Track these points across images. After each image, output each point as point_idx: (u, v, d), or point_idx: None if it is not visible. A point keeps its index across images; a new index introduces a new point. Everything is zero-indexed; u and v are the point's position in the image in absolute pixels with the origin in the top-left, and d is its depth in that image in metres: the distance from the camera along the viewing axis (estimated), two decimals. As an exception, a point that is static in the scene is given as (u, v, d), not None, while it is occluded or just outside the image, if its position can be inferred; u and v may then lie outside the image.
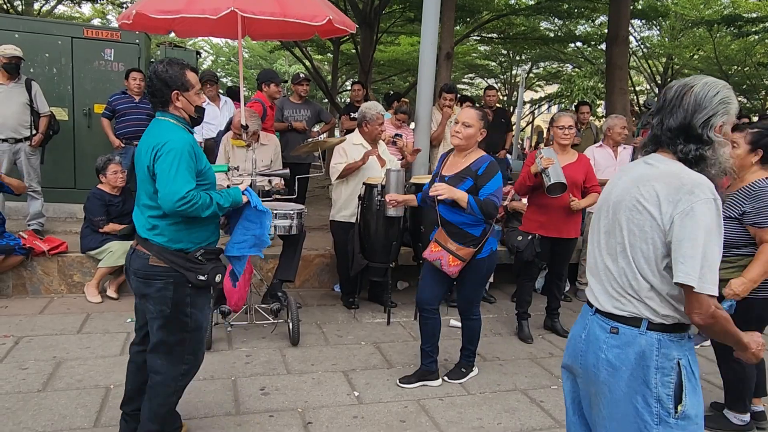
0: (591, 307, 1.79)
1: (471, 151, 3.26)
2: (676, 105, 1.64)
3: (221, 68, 28.23)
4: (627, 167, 1.83)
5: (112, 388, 3.19)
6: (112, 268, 4.63)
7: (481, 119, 3.21)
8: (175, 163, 2.26)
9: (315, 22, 3.83)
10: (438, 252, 3.26)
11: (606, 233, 1.75)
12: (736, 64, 15.95)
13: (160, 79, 2.34)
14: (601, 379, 1.71)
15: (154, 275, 2.36)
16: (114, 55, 6.13)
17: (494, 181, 3.15)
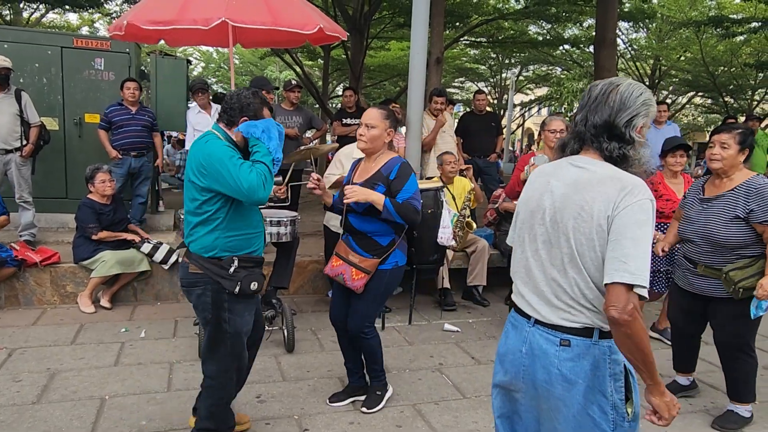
0: (528, 318, 1.70)
1: (380, 153, 2.98)
2: (601, 102, 1.63)
3: (211, 75, 28.21)
4: (551, 170, 1.73)
5: (107, 398, 3.18)
6: (105, 277, 4.62)
7: (386, 118, 2.93)
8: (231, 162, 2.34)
9: (306, 31, 3.86)
10: (339, 266, 3.01)
11: (545, 243, 1.66)
12: (723, 65, 16.14)
13: (239, 102, 2.47)
14: (556, 395, 1.64)
15: (194, 282, 2.48)
16: (104, 65, 6.12)
17: (410, 183, 2.88)
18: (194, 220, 2.46)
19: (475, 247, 5.09)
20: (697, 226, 3.09)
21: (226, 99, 2.54)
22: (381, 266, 2.96)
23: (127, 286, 4.90)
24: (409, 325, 4.61)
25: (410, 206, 2.86)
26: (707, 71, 15.86)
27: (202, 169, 2.36)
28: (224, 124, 2.51)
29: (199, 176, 2.38)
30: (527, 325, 1.70)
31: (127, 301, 4.91)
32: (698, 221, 3.09)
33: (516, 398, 1.77)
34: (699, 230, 3.08)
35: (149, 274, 4.92)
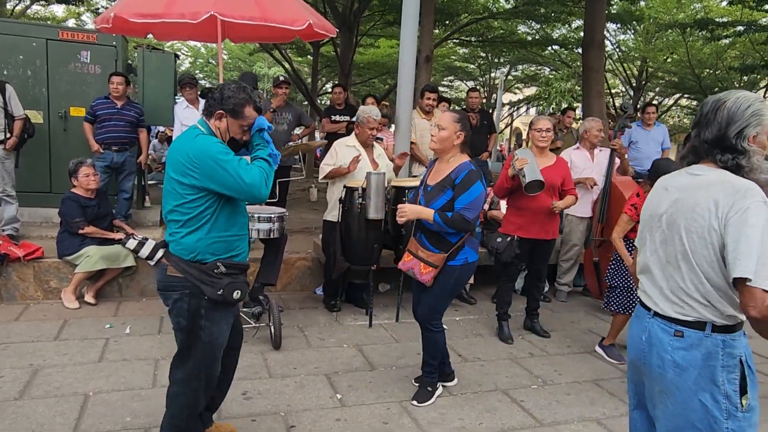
0: (648, 310, 1.89)
1: (453, 155, 3.12)
2: (710, 119, 1.77)
3: (200, 70, 27.97)
4: (668, 179, 1.92)
5: (91, 395, 3.15)
6: (90, 273, 4.57)
7: (458, 122, 3.07)
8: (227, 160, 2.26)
9: (295, 27, 3.84)
10: (410, 261, 3.20)
11: (663, 242, 1.85)
12: (708, 68, 16.31)
13: (220, 94, 2.35)
14: (668, 379, 1.81)
15: (172, 286, 2.34)
16: (90, 58, 6.03)
17: (469, 192, 2.99)
18: (177, 220, 2.32)
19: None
20: None
21: (213, 90, 2.44)
22: (450, 262, 3.11)
23: (112, 282, 4.85)
24: (396, 323, 4.62)
25: (459, 218, 2.98)
26: (693, 73, 16.03)
27: (191, 166, 2.22)
28: (205, 115, 2.41)
29: (187, 174, 2.24)
30: (647, 316, 1.89)
31: (111, 296, 4.87)
32: None
33: (642, 384, 1.96)
34: None
35: (134, 269, 4.88)
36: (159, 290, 2.41)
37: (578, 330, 4.75)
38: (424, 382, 3.36)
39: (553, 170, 4.17)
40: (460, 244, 3.10)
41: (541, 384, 3.67)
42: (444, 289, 3.18)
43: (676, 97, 21.09)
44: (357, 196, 4.30)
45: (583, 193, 5.10)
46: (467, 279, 3.26)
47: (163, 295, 2.40)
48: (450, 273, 3.12)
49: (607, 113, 9.36)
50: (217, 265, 2.33)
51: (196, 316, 2.34)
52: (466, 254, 3.14)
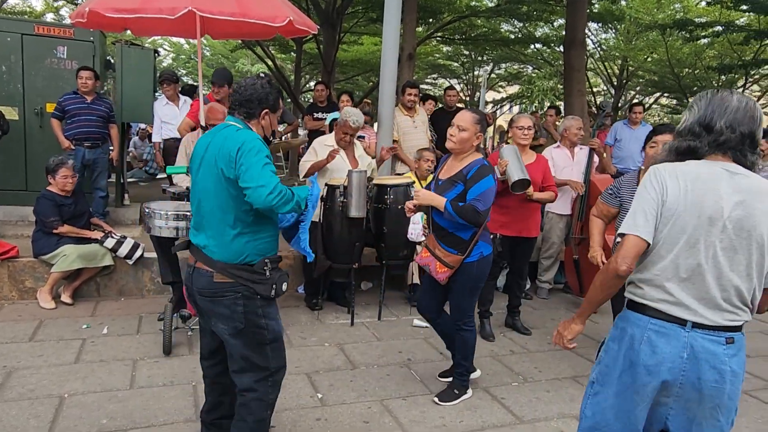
0: (683, 324, 1.73)
1: (468, 154, 3.14)
2: (746, 114, 1.74)
3: (182, 66, 27.64)
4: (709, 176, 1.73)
5: (66, 397, 3.10)
6: (67, 272, 4.49)
7: (478, 123, 3.09)
8: (259, 157, 2.19)
9: (275, 23, 3.80)
10: (427, 258, 3.22)
11: (727, 249, 1.70)
12: (687, 67, 16.53)
13: (257, 94, 2.32)
14: (726, 391, 1.73)
15: (222, 292, 2.27)
16: (67, 53, 5.93)
17: (480, 184, 3.00)
18: (224, 221, 2.25)
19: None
20: None
21: (236, 89, 2.37)
22: (467, 260, 3.11)
23: (89, 281, 4.77)
24: (378, 321, 4.61)
25: (471, 208, 2.97)
26: (672, 73, 16.23)
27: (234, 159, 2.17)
28: (243, 117, 2.35)
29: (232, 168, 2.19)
30: (683, 330, 1.74)
31: (89, 296, 4.79)
32: None
33: (664, 405, 1.81)
34: None
35: (113, 268, 4.81)
36: (205, 297, 2.31)
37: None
38: (453, 384, 3.39)
39: (533, 167, 4.19)
40: (475, 240, 3.11)
41: (522, 381, 3.68)
42: (466, 288, 3.21)
43: (656, 95, 21.35)
44: (338, 194, 4.28)
45: (563, 191, 5.14)
46: (487, 271, 3.28)
47: (211, 301, 2.30)
48: (469, 270, 3.14)
49: (589, 111, 9.43)
50: (265, 263, 2.32)
51: (256, 316, 2.31)
52: (480, 248, 3.15)
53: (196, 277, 2.33)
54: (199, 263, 2.32)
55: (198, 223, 2.37)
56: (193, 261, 2.36)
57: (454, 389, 3.36)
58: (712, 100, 1.79)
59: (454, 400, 3.30)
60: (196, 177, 2.36)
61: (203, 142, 2.36)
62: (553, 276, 5.64)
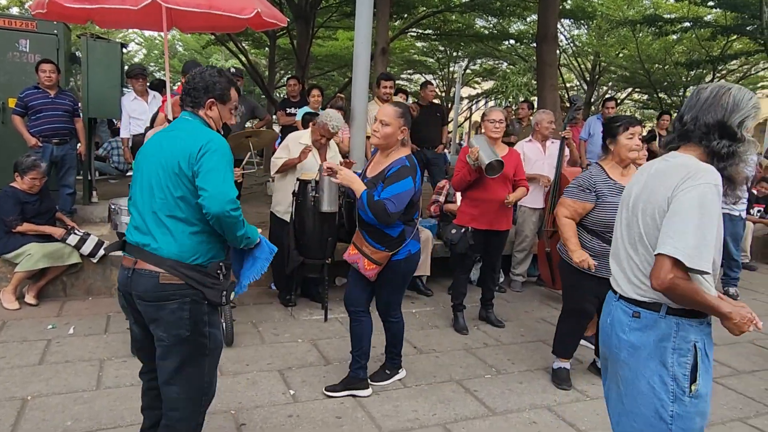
0: (615, 294, 1.94)
1: (393, 150, 3.02)
2: (713, 104, 1.76)
3: (154, 62, 27.13)
4: (647, 165, 1.94)
5: (29, 399, 3.01)
6: (31, 272, 4.37)
7: (401, 116, 2.96)
8: (224, 163, 2.07)
9: (243, 15, 3.74)
10: (355, 255, 3.16)
11: (627, 226, 1.91)
12: (657, 63, 16.82)
13: (204, 82, 2.22)
14: (621, 359, 1.87)
15: (168, 295, 2.08)
16: (30, 46, 5.75)
17: (397, 185, 2.88)
18: (176, 216, 2.09)
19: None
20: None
21: (188, 79, 2.26)
22: (395, 257, 3.06)
23: (55, 281, 4.64)
24: (352, 316, 4.58)
25: (382, 206, 2.85)
26: (643, 68, 16.49)
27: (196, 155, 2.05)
28: (190, 107, 2.24)
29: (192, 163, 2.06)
30: (613, 300, 1.95)
31: (55, 296, 4.66)
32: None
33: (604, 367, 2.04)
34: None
35: (80, 267, 4.69)
36: (147, 302, 2.10)
37: (532, 319, 4.82)
38: (385, 365, 3.48)
39: (505, 161, 4.19)
40: (402, 239, 3.05)
41: (495, 373, 3.70)
42: (395, 285, 3.21)
43: (628, 91, 21.69)
44: (310, 189, 4.24)
45: (535, 185, 5.18)
46: (414, 269, 3.27)
47: (155, 306, 2.10)
48: (396, 268, 3.10)
49: (562, 106, 9.52)
50: (220, 266, 2.17)
51: (200, 324, 2.14)
52: (408, 246, 3.09)
53: (136, 280, 2.11)
54: (140, 264, 2.11)
55: (142, 220, 2.15)
56: (132, 263, 2.13)
57: (386, 370, 3.48)
58: (692, 95, 1.85)
59: (388, 379, 3.44)
60: (142, 171, 2.19)
61: (157, 136, 2.23)
62: (527, 269, 5.69)
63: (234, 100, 2.34)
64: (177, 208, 2.10)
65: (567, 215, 3.38)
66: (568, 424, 3.10)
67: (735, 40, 14.25)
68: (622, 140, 3.30)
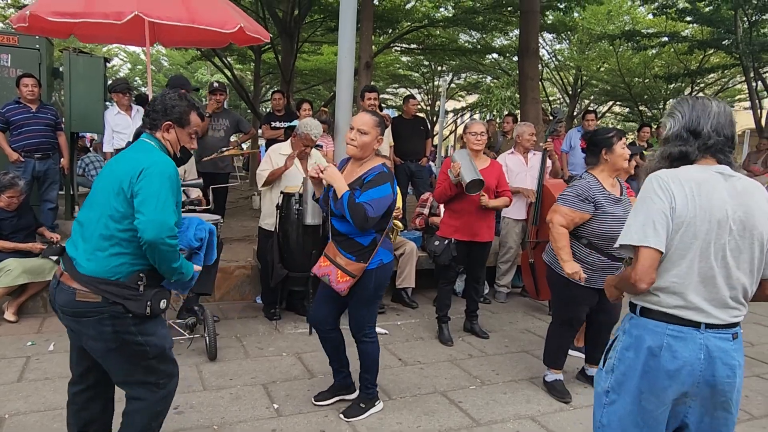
0: (698, 326, 1.77)
1: (368, 159, 2.99)
2: (728, 119, 1.83)
3: (139, 77, 27.07)
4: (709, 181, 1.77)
5: (6, 417, 2.95)
6: (11, 288, 4.31)
7: (378, 125, 2.94)
8: (165, 188, 2.07)
9: (225, 29, 3.76)
10: (327, 267, 3.00)
11: (734, 250, 1.76)
12: (637, 76, 17.13)
13: (163, 105, 2.26)
14: (736, 384, 1.82)
15: (84, 312, 2.07)
16: (11, 61, 5.74)
17: (375, 190, 2.83)
18: (105, 235, 2.09)
19: (404, 250, 5.13)
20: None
21: (150, 102, 2.32)
22: (366, 267, 2.94)
23: (35, 297, 4.58)
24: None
25: (361, 208, 2.77)
26: (624, 82, 16.80)
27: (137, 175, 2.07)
28: (148, 129, 2.28)
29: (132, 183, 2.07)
30: (699, 333, 1.78)
31: (35, 312, 4.60)
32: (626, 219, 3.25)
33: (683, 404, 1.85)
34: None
35: (60, 283, 4.62)
36: (67, 315, 2.11)
37: (516, 330, 4.84)
38: (359, 398, 3.23)
39: (487, 172, 4.25)
40: (373, 247, 2.97)
41: (479, 384, 3.71)
42: (367, 298, 3.04)
43: (609, 104, 22.04)
44: (294, 202, 4.24)
45: (518, 196, 5.23)
46: (387, 281, 3.13)
47: (74, 322, 2.11)
48: (368, 279, 2.97)
49: (544, 119, 9.65)
50: (140, 277, 2.14)
51: (128, 335, 2.12)
52: (380, 256, 2.99)
53: (59, 293, 2.12)
54: (64, 277, 2.12)
55: (78, 234, 2.17)
56: (59, 274, 2.16)
57: (360, 403, 3.20)
58: (694, 106, 1.85)
59: (361, 415, 3.15)
60: (94, 188, 2.23)
61: (118, 155, 2.29)
62: (511, 280, 5.72)
63: (194, 124, 2.35)
64: (108, 227, 2.10)
65: (563, 224, 3.29)
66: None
67: (712, 54, 14.60)
68: (618, 149, 3.28)
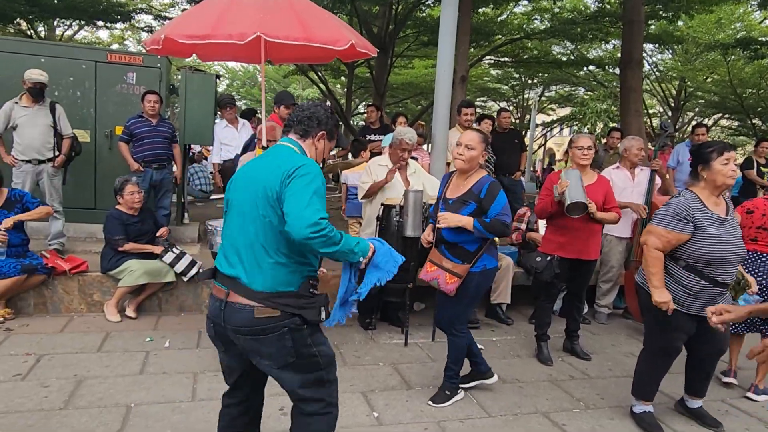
0: None
1: (473, 172, 3.31)
2: None
3: (236, 92, 28.69)
4: None
5: (132, 406, 3.20)
6: (132, 287, 4.67)
7: (483, 141, 3.27)
8: (311, 187, 2.01)
9: (338, 47, 3.90)
10: (434, 272, 3.33)
11: None
12: (751, 87, 15.92)
13: (318, 115, 2.25)
14: None
15: (265, 329, 2.05)
16: (136, 79, 6.25)
17: (498, 200, 3.18)
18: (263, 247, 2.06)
19: (500, 265, 5.04)
20: (732, 246, 3.02)
21: (296, 108, 2.31)
22: (471, 269, 3.25)
23: (152, 297, 4.94)
24: (432, 342, 4.56)
25: (499, 222, 3.15)
26: (735, 93, 15.67)
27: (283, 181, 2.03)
28: (298, 135, 2.25)
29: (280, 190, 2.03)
30: None
31: (151, 311, 4.95)
32: (731, 240, 3.01)
33: None
34: (735, 249, 3.02)
35: (174, 284, 4.96)
36: (245, 335, 2.08)
37: (619, 353, 4.61)
38: (444, 386, 3.51)
39: (594, 188, 4.10)
40: (478, 252, 3.25)
41: (583, 408, 3.56)
42: (465, 297, 3.32)
43: (716, 117, 20.61)
44: (394, 214, 4.30)
45: (623, 214, 4.99)
46: (487, 285, 3.44)
47: (252, 339, 2.08)
48: (470, 281, 3.26)
49: (646, 133, 9.19)
50: (310, 283, 2.14)
51: (305, 348, 2.14)
52: (484, 261, 3.29)
53: (230, 313, 2.09)
54: (233, 296, 2.08)
55: (233, 251, 2.12)
56: (223, 294, 2.11)
57: (445, 390, 3.48)
58: None
59: (447, 401, 3.45)
60: (233, 202, 2.19)
61: (251, 162, 2.24)
62: (612, 300, 5.46)
63: (335, 139, 2.39)
64: (267, 236, 2.06)
65: (659, 247, 3.06)
66: (667, 467, 2.93)
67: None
68: (717, 166, 3.02)
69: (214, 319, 2.18)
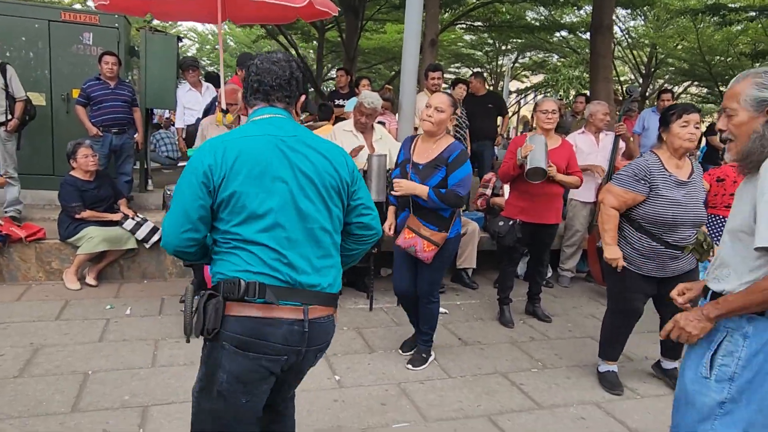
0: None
1: (441, 136, 3.25)
2: None
3: (206, 56, 27.90)
4: None
5: (90, 373, 3.16)
6: (92, 254, 4.58)
7: (453, 105, 3.21)
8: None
9: (296, 4, 3.78)
10: (412, 239, 3.28)
11: None
12: (719, 54, 16.06)
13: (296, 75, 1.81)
14: None
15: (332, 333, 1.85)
16: (93, 39, 6.00)
17: (462, 169, 3.14)
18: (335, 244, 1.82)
19: (465, 230, 5.06)
20: (689, 210, 3.06)
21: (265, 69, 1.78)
22: (447, 236, 3.27)
23: (113, 264, 4.85)
24: (397, 306, 4.58)
25: (453, 194, 3.12)
26: (703, 60, 15.78)
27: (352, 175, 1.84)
28: (285, 104, 1.80)
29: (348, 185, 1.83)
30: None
31: (113, 278, 4.87)
32: (688, 204, 3.05)
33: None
34: (691, 213, 3.06)
35: (136, 251, 4.88)
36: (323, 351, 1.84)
37: (580, 315, 4.72)
38: (420, 350, 3.58)
39: (558, 152, 4.11)
40: (452, 218, 3.26)
41: (541, 367, 3.65)
42: (442, 263, 3.36)
43: (685, 84, 20.83)
44: (358, 179, 4.26)
45: (587, 179, 5.04)
46: (456, 250, 3.57)
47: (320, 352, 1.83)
48: (446, 247, 3.29)
49: (615, 99, 9.24)
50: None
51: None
52: (456, 227, 3.34)
53: (317, 333, 1.72)
54: (317, 309, 1.71)
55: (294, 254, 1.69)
56: (301, 313, 1.68)
57: (422, 354, 3.56)
58: None
59: (424, 364, 3.53)
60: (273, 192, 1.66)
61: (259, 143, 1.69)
62: (576, 264, 5.56)
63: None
64: (333, 233, 1.79)
65: (614, 205, 3.13)
66: (618, 422, 3.03)
67: (805, 29, 13.47)
68: (675, 128, 3.03)
69: (293, 348, 1.69)
